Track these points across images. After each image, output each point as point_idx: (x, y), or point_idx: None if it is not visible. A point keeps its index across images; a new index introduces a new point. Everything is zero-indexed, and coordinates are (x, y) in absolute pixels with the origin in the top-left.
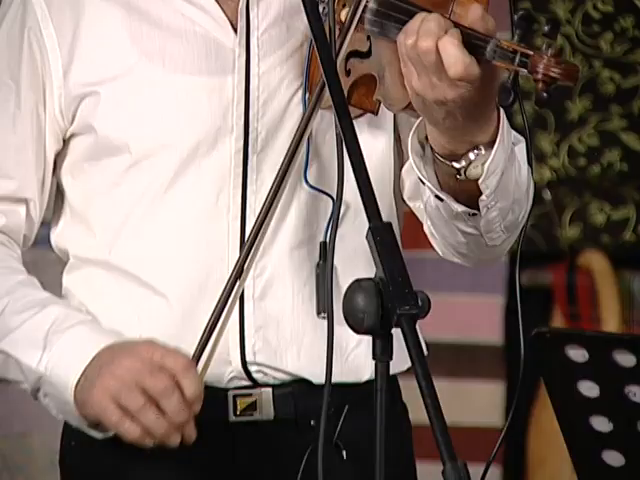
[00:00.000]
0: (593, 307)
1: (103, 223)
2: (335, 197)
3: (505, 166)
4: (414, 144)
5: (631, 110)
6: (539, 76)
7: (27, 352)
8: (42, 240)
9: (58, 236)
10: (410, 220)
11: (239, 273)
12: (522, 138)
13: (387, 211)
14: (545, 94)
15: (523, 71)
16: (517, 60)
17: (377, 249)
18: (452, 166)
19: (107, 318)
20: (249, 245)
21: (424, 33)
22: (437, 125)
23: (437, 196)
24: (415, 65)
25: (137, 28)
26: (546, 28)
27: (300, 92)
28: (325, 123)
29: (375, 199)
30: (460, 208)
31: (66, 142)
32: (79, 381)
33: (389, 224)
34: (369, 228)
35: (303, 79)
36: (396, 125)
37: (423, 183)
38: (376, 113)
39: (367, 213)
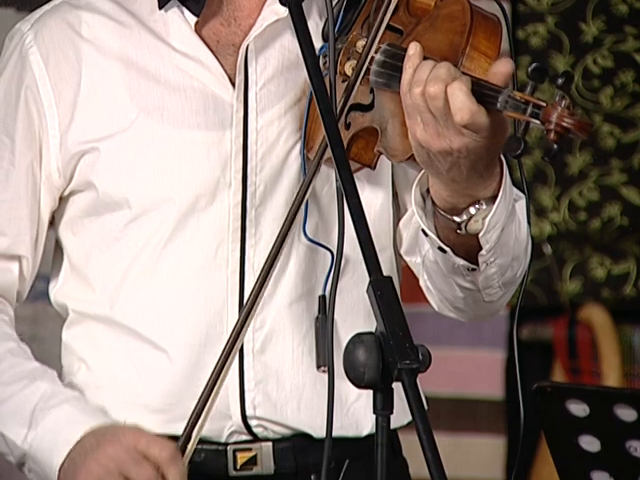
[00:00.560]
0: (594, 361)
1: (103, 278)
2: (333, 250)
3: (506, 222)
4: (416, 196)
5: (631, 164)
6: (552, 126)
7: (13, 428)
8: (42, 295)
9: (57, 291)
10: (410, 274)
11: (239, 331)
12: (523, 195)
13: (388, 265)
14: (555, 146)
15: (535, 122)
16: (529, 110)
17: (378, 303)
18: (453, 220)
19: (107, 373)
20: (250, 305)
21: (433, 78)
22: (440, 177)
23: (439, 248)
24: (421, 114)
25: (136, 84)
26: (559, 81)
27: (298, 145)
28: (323, 176)
29: (376, 253)
30: (460, 262)
31: (64, 199)
32: (63, 463)
33: (389, 278)
34: (370, 282)
35: (301, 133)
36: (393, 181)
37: (426, 235)
38: (374, 167)
39: (368, 267)
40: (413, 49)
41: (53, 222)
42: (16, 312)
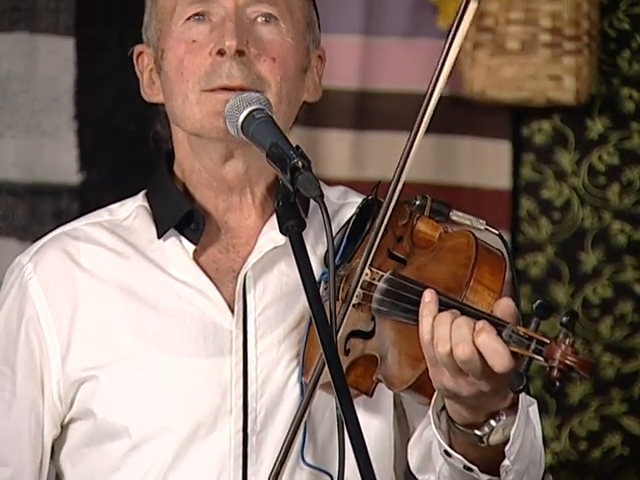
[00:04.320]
0: None
1: None
2: (333, 474)
3: (524, 430)
4: (434, 419)
5: (632, 394)
6: (555, 363)
7: None
8: None
9: None
10: None
11: None
12: (534, 400)
13: None
14: (558, 383)
15: (538, 358)
16: (533, 347)
17: None
18: (474, 434)
19: None
20: None
21: (460, 341)
22: (462, 404)
23: (465, 466)
24: (448, 369)
25: (134, 311)
26: (564, 319)
27: (297, 372)
28: (322, 402)
29: None
30: (485, 477)
31: (64, 427)
32: None
33: None
34: None
35: (300, 359)
36: (397, 401)
37: (449, 455)
38: (371, 395)
39: None
40: (429, 296)
41: (53, 452)
42: None
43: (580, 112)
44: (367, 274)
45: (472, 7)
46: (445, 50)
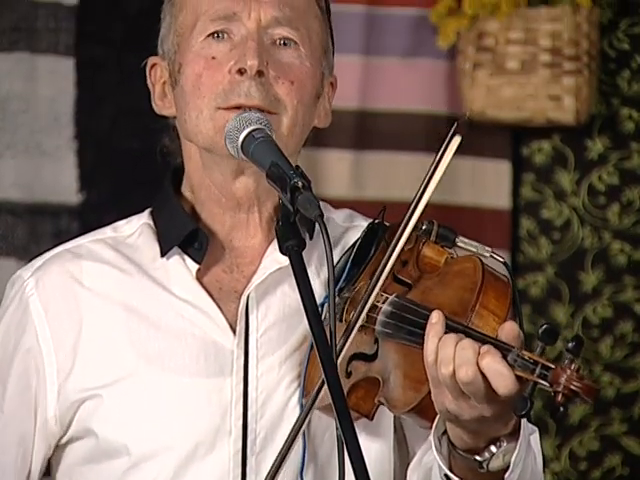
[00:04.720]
0: None
1: None
2: None
3: (524, 457)
4: (435, 443)
5: (631, 414)
6: (560, 388)
7: None
8: None
9: None
10: None
11: None
12: (536, 428)
13: None
14: (562, 408)
15: (543, 383)
16: (538, 371)
17: None
18: (474, 459)
19: None
20: None
21: (464, 363)
22: (464, 429)
23: None
24: (451, 391)
25: (136, 330)
26: (570, 344)
27: (298, 393)
28: (323, 424)
29: None
30: None
31: (61, 447)
32: None
33: None
34: None
35: (301, 381)
36: (397, 426)
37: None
38: (371, 418)
39: None
40: (436, 318)
41: (50, 470)
42: None
43: (580, 132)
44: (364, 293)
45: (456, 141)
46: (427, 178)
